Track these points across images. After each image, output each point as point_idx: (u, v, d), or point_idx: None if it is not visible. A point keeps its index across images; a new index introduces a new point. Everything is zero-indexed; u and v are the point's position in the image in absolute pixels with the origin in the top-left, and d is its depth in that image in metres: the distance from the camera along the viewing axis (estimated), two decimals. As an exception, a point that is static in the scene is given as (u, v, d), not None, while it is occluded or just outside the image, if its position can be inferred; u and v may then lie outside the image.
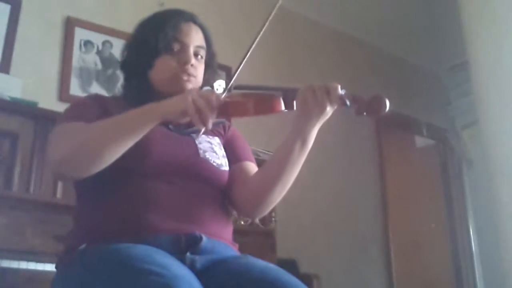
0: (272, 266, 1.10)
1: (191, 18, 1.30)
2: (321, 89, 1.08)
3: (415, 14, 3.96)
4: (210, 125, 1.02)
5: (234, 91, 1.22)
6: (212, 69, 1.34)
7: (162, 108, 1.06)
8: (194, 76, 1.26)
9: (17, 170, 2.08)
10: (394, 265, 3.93)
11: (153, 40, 1.24)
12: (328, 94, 1.08)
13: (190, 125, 1.24)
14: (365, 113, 1.06)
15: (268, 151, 2.70)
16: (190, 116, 1.01)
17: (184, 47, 1.25)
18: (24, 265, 1.83)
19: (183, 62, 1.24)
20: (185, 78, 1.24)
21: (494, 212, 2.64)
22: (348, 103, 1.06)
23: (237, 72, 1.21)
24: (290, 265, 2.67)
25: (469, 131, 4.32)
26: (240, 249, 1.24)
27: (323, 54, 3.98)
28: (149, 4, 2.96)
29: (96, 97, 1.28)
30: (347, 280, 3.54)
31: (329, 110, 1.10)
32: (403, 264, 4.00)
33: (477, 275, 4.43)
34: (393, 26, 4.12)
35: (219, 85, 1.26)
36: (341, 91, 1.08)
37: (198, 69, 1.28)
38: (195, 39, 1.28)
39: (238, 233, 1.31)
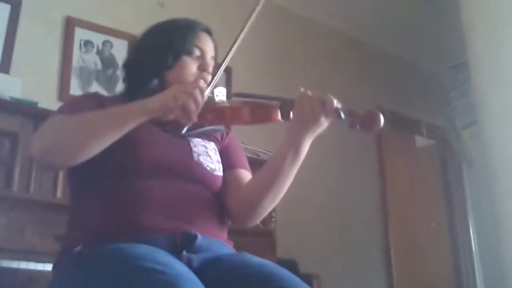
0: (268, 262, 1.11)
1: (207, 29, 1.34)
2: (317, 101, 1.09)
3: (415, 14, 3.96)
4: (195, 119, 1.05)
5: (233, 99, 1.24)
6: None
7: (147, 105, 1.07)
8: (208, 85, 1.28)
9: (17, 170, 2.08)
10: (394, 265, 3.94)
11: (180, 42, 1.27)
12: (323, 105, 1.09)
13: (187, 128, 1.24)
14: (358, 127, 1.07)
15: (268, 151, 2.70)
16: (174, 112, 1.04)
17: (203, 54, 1.29)
18: (24, 265, 1.84)
19: (203, 69, 1.28)
20: (201, 84, 1.25)
21: (494, 212, 2.64)
22: (342, 116, 1.07)
23: (223, 66, 1.25)
24: (290, 265, 2.67)
25: (469, 131, 4.32)
26: (240, 249, 1.24)
27: (323, 54, 3.98)
28: (149, 4, 2.96)
29: (94, 95, 1.29)
30: (347, 280, 3.54)
31: (324, 122, 1.11)
32: (403, 264, 4.00)
33: (477, 275, 4.43)
34: (393, 26, 4.12)
35: (220, 92, 1.27)
36: (336, 104, 1.08)
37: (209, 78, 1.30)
38: (211, 49, 1.32)
39: (238, 233, 1.31)
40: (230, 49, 1.26)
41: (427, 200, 4.51)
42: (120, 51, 2.85)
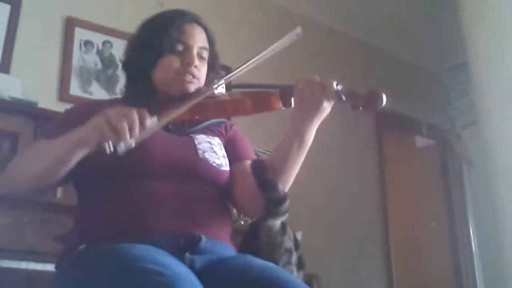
0: (271, 265, 1.10)
1: (194, 19, 1.30)
2: (317, 85, 1.08)
3: (415, 14, 3.96)
4: (128, 138, 0.96)
5: (232, 90, 1.23)
6: (215, 70, 1.34)
7: (77, 137, 1.04)
8: (197, 78, 1.26)
9: (17, 170, 2.07)
10: (394, 264, 3.93)
11: (157, 40, 1.23)
12: (324, 89, 1.08)
13: (190, 125, 1.23)
14: (361, 108, 1.06)
15: (267, 151, 2.70)
16: (107, 135, 0.97)
17: (187, 48, 1.25)
18: (24, 265, 1.83)
19: (187, 63, 1.24)
20: (188, 79, 1.24)
21: (494, 212, 2.64)
22: (343, 98, 1.07)
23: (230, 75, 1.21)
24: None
25: (469, 131, 4.32)
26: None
27: (322, 54, 3.98)
28: (149, 4, 2.96)
29: (79, 109, 1.28)
30: (347, 280, 3.54)
31: (326, 106, 1.10)
32: (403, 264, 4.00)
33: (477, 275, 4.42)
34: (392, 26, 4.12)
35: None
36: (337, 86, 1.08)
37: (201, 70, 1.27)
38: (199, 40, 1.28)
39: (238, 233, 1.31)
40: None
41: (427, 200, 4.51)
42: (120, 51, 2.84)
